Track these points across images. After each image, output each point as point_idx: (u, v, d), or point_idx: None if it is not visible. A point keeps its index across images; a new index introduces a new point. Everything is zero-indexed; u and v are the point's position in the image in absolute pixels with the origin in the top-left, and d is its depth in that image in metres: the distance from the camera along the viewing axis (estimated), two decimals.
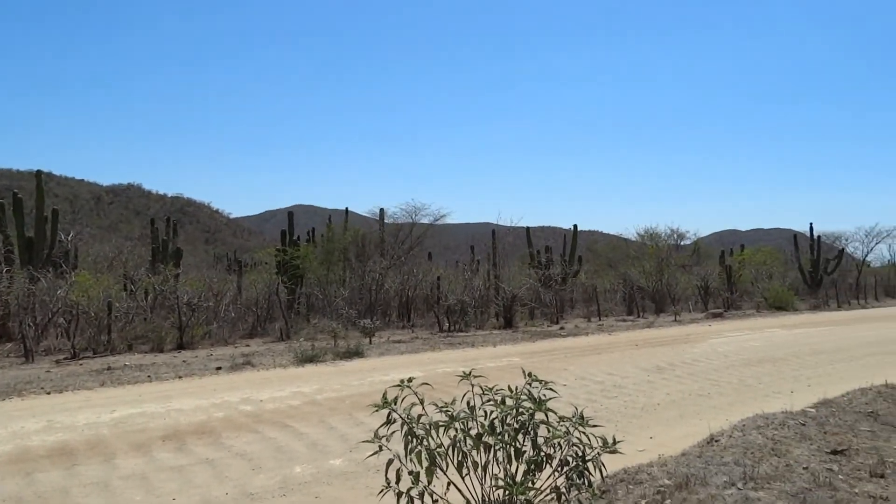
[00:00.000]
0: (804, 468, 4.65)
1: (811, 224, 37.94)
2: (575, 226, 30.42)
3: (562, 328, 20.12)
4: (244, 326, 19.18)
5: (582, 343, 15.48)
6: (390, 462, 3.31)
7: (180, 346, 15.63)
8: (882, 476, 4.48)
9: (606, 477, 4.35)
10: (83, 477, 5.30)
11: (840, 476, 4.48)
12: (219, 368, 11.76)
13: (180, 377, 10.90)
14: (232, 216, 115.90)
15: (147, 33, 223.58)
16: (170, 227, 24.38)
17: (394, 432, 3.40)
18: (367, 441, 3.43)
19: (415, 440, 3.35)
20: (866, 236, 42.71)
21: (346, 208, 27.43)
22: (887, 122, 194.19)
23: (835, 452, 5.01)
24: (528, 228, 28.57)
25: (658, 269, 28.98)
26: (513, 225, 27.81)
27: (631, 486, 4.36)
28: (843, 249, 40.52)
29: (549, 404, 3.44)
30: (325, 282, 22.42)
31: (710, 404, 8.00)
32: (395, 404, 3.42)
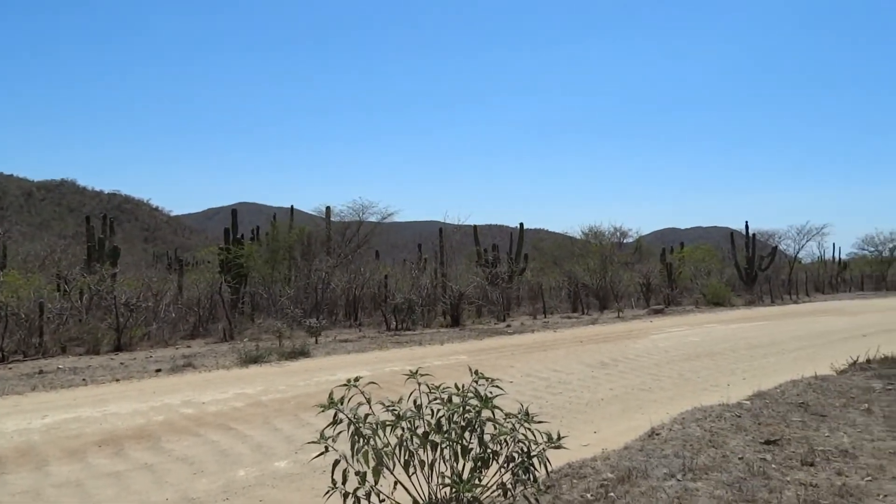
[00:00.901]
0: (740, 458, 4.82)
1: (746, 223, 39.38)
2: (521, 224, 30.80)
3: (508, 326, 20.32)
4: (185, 327, 18.67)
5: (528, 340, 15.66)
6: (336, 463, 3.28)
7: (118, 348, 15.11)
8: (812, 464, 4.68)
9: (552, 472, 4.42)
10: (13, 486, 5.07)
11: (773, 465, 4.66)
12: (158, 370, 11.42)
13: (118, 380, 10.53)
14: (173, 214, 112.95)
15: (81, 23, 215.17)
16: (107, 224, 23.53)
17: (340, 433, 3.36)
18: (313, 442, 3.38)
19: (361, 440, 3.32)
20: (798, 234, 44.78)
21: (292, 206, 27.02)
22: (818, 124, 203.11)
23: (768, 443, 5.21)
24: (475, 227, 28.71)
25: (602, 267, 29.56)
26: (460, 223, 27.89)
27: (575, 481, 4.43)
28: (776, 247, 42.25)
29: (496, 401, 3.47)
30: (269, 281, 22.04)
31: (652, 398, 8.21)
32: (342, 404, 3.38)
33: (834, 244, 68.09)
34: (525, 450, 3.36)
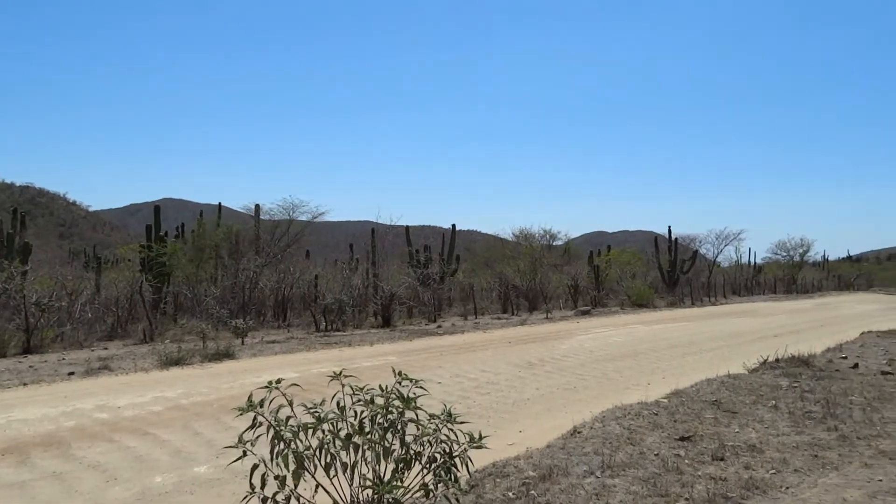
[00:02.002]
0: (655, 455, 5.00)
1: (669, 227, 40.90)
2: (454, 225, 30.98)
3: (439, 326, 20.39)
4: (103, 328, 17.86)
5: (458, 341, 15.76)
6: (255, 467, 3.21)
7: (27, 351, 14.30)
8: (722, 459, 4.90)
9: (476, 471, 4.47)
10: None
11: (686, 461, 4.85)
12: (71, 374, 10.88)
13: (25, 384, 9.97)
14: (91, 209, 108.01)
15: None
16: (17, 218, 22.22)
17: (259, 436, 3.30)
18: (231, 446, 3.30)
19: (282, 443, 3.27)
20: (716, 239, 46.81)
21: (220, 203, 26.27)
22: (737, 136, 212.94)
23: (682, 439, 5.43)
24: (407, 227, 28.68)
25: (532, 269, 30.05)
26: (393, 223, 27.77)
27: (498, 480, 4.49)
28: (696, 251, 44.04)
29: (423, 402, 3.48)
30: (194, 280, 21.34)
31: (576, 397, 8.40)
32: (261, 407, 3.31)
33: (750, 249, 71.81)
34: (447, 450, 3.38)
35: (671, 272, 39.31)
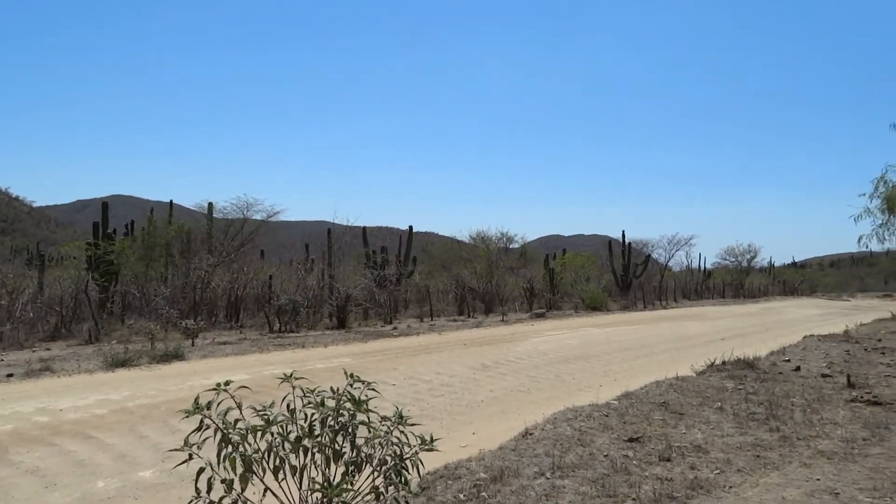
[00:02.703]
0: (605, 455, 5.08)
1: (623, 231, 41.62)
2: (411, 227, 30.90)
3: (395, 328, 20.32)
4: (45, 328, 17.22)
5: (413, 343, 15.74)
6: (201, 470, 3.14)
7: None
8: (669, 459, 5.00)
9: (427, 474, 4.47)
10: None
11: (634, 461, 4.94)
12: (10, 375, 10.47)
13: None
14: (36, 205, 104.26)
15: None
16: None
17: (206, 439, 3.23)
18: (177, 449, 3.22)
19: (229, 446, 3.21)
20: (668, 244, 47.90)
21: (171, 201, 25.67)
22: (689, 143, 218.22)
23: (631, 440, 5.52)
24: (364, 228, 28.50)
25: (488, 271, 30.23)
26: (349, 224, 27.54)
27: (450, 482, 4.49)
28: (649, 255, 44.92)
29: (375, 404, 3.45)
30: (143, 279, 20.78)
31: (530, 399, 8.48)
32: (209, 409, 3.24)
33: (700, 254, 73.43)
34: (398, 453, 3.37)
35: (624, 276, 40.01)
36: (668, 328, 20.35)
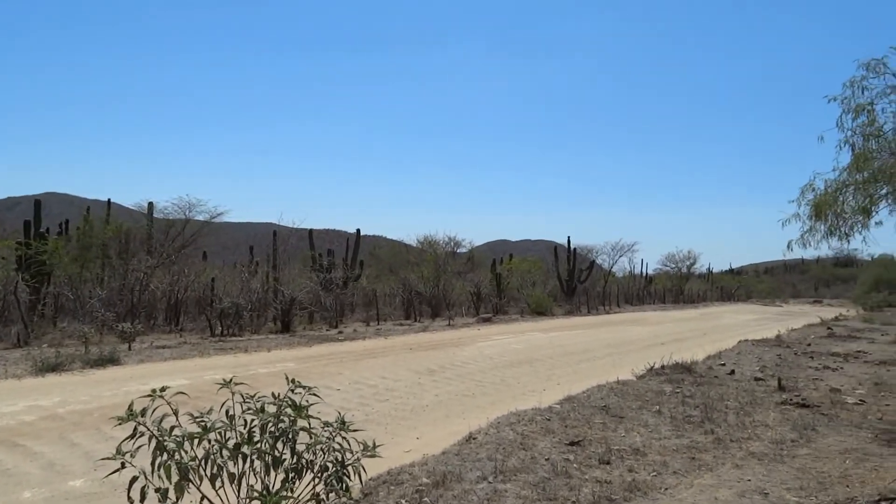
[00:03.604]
0: (546, 459, 5.15)
1: (569, 237, 42.34)
2: (358, 230, 30.69)
3: (340, 332, 20.13)
4: None
5: (359, 347, 15.62)
6: (134, 479, 3.05)
7: None
8: (608, 462, 5.11)
9: (370, 480, 4.44)
10: None
11: (575, 465, 5.03)
12: None
13: None
14: None
15: None
16: None
17: (141, 447, 3.13)
18: (108, 458, 3.11)
19: (164, 454, 3.12)
20: (612, 250, 49.01)
21: (109, 200, 24.82)
22: (631, 151, 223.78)
23: (572, 444, 5.62)
24: (311, 231, 28.15)
25: (436, 276, 30.26)
26: (296, 226, 27.14)
27: (392, 487, 4.48)
28: (593, 261, 45.86)
29: (319, 409, 3.42)
30: (78, 281, 20.00)
31: (475, 404, 8.52)
32: (143, 416, 3.15)
33: (642, 260, 75.58)
34: (340, 459, 3.34)
35: (569, 281, 40.67)
36: (611, 333, 20.78)
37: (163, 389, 3.30)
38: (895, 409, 7.91)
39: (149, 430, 3.13)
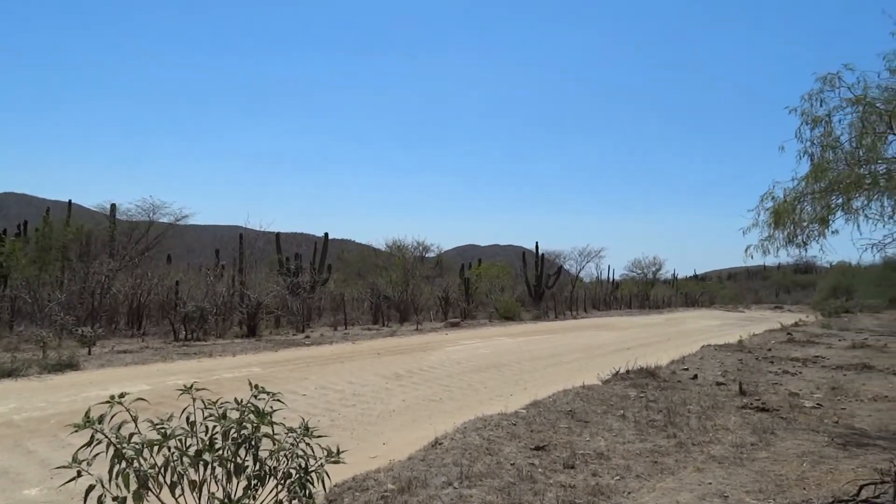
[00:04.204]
0: (512, 464, 5.17)
1: (537, 243, 42.63)
2: (326, 234, 30.52)
3: (307, 337, 19.96)
4: None
5: (326, 352, 15.51)
6: (91, 488, 2.97)
7: None
8: (573, 467, 5.15)
9: (335, 486, 4.41)
10: None
11: (540, 469, 5.06)
12: None
13: None
14: None
15: None
16: None
17: (98, 454, 3.06)
18: (65, 466, 3.03)
19: (123, 462, 3.05)
20: (580, 256, 49.56)
21: (70, 201, 24.29)
22: (598, 157, 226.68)
23: (538, 448, 5.65)
24: (278, 234, 27.89)
25: (404, 280, 30.21)
26: (263, 229, 26.86)
27: (357, 493, 4.45)
28: (561, 266, 46.23)
29: (284, 415, 3.38)
30: (36, 284, 19.50)
31: (442, 409, 8.52)
32: (101, 423, 3.07)
33: (609, 266, 76.29)
34: (304, 466, 3.30)
35: (537, 286, 40.95)
36: (578, 338, 20.97)
37: (122, 395, 3.23)
38: (850, 412, 8.12)
39: (106, 437, 3.06)
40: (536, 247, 42.43)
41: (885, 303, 43.26)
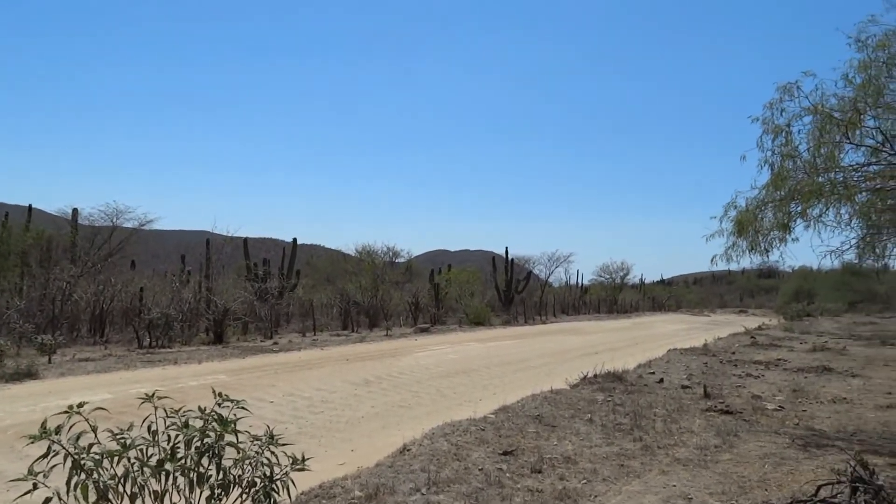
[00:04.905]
0: (479, 469, 5.18)
1: (507, 248, 42.86)
2: (294, 239, 30.25)
3: (275, 343, 19.75)
4: None
5: (294, 358, 15.36)
6: (48, 500, 2.89)
7: None
8: (540, 471, 5.18)
9: (301, 494, 4.36)
10: None
11: (507, 474, 5.08)
12: None
13: None
14: None
15: None
16: None
17: (56, 466, 2.98)
18: (18, 479, 2.95)
19: (82, 473, 2.98)
20: (549, 260, 49.97)
21: (30, 205, 23.72)
22: (565, 163, 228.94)
23: (506, 453, 5.67)
24: (246, 239, 27.57)
25: (373, 285, 30.09)
26: (230, 235, 26.51)
27: (324, 501, 4.42)
28: (530, 271, 46.59)
29: (250, 423, 3.34)
30: None
31: (411, 415, 8.50)
32: (58, 433, 3.00)
33: (578, 271, 77.18)
34: (268, 474, 3.27)
35: (507, 291, 41.14)
36: (547, 342, 21.11)
37: (80, 405, 3.16)
38: (811, 414, 8.32)
39: (64, 448, 2.98)
40: (506, 252, 42.67)
41: (844, 306, 44.48)
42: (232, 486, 3.27)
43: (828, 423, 7.71)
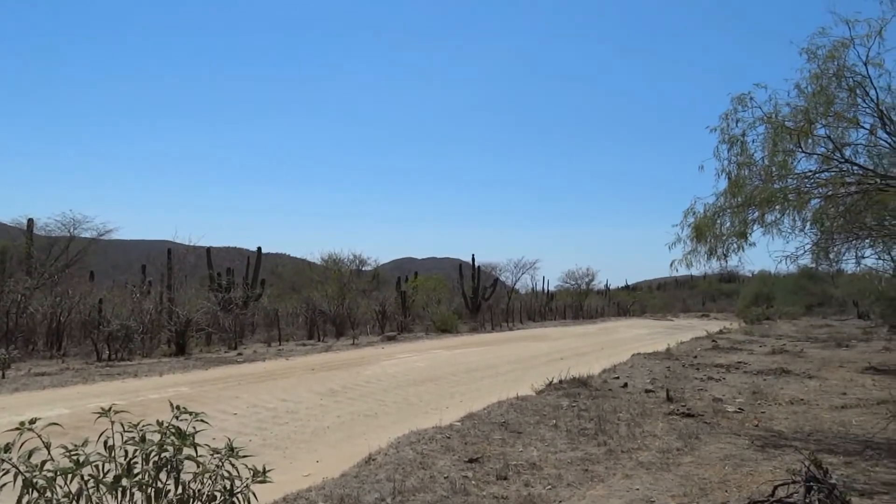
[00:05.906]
0: (445, 477, 5.18)
1: (473, 255, 42.96)
2: (259, 248, 29.91)
3: (240, 354, 19.46)
4: None
5: (259, 369, 15.16)
6: None
7: None
8: (506, 478, 5.20)
9: None
10: None
11: (473, 482, 5.08)
12: None
13: None
14: None
15: None
16: None
17: (6, 484, 2.89)
18: None
19: (34, 492, 2.90)
20: (515, 267, 50.26)
21: None
22: (531, 169, 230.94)
23: (471, 461, 5.68)
24: (209, 249, 27.16)
25: (340, 294, 29.88)
26: (192, 244, 26.06)
27: None
28: (497, 278, 46.75)
29: (212, 435, 3.29)
30: None
31: (377, 424, 8.45)
32: (9, 451, 2.91)
33: (544, 277, 77.68)
34: (228, 487, 3.22)
35: (474, 298, 41.23)
36: (514, 349, 21.21)
37: (32, 421, 3.08)
38: (769, 415, 8.51)
39: (14, 466, 2.90)
40: (473, 259, 42.79)
41: (801, 310, 45.67)
42: (191, 500, 3.21)
43: (786, 424, 7.89)
